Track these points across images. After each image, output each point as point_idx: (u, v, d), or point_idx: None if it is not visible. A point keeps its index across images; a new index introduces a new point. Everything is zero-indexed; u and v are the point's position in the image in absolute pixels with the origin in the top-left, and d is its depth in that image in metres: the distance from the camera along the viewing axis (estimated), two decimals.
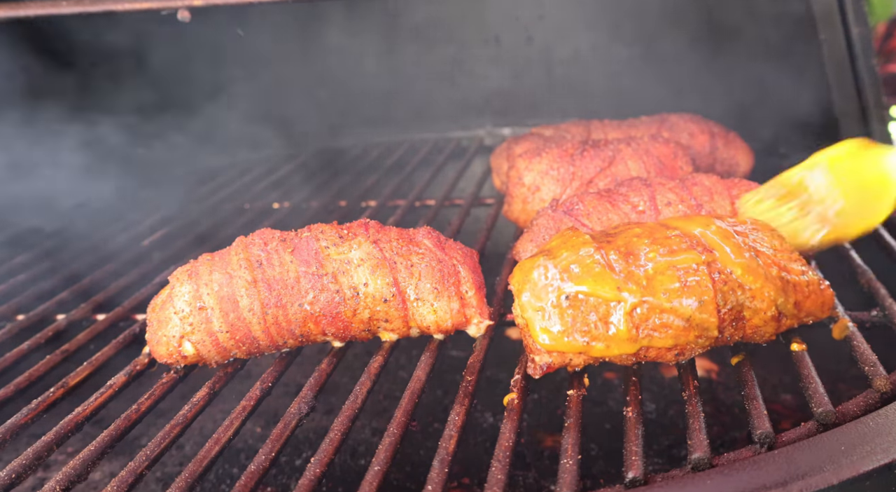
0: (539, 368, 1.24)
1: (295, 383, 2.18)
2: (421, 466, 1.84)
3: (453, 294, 1.39)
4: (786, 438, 1.10)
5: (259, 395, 1.33)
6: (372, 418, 2.04)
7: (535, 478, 1.76)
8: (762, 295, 1.21)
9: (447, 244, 1.45)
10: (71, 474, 1.15)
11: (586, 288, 1.20)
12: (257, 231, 1.44)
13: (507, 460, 1.09)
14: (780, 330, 1.26)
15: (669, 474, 1.05)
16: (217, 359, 1.40)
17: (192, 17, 1.67)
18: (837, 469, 0.97)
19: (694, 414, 1.15)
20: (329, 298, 1.36)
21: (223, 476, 1.87)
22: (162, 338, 1.37)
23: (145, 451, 1.19)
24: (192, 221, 2.39)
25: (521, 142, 2.14)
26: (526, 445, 1.86)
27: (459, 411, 1.21)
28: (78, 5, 1.73)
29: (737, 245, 1.24)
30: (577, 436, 1.13)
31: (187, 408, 1.31)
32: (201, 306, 1.35)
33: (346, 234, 1.42)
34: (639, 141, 1.91)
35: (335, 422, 1.21)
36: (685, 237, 1.26)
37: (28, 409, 1.33)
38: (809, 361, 1.25)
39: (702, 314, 1.19)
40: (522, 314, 1.25)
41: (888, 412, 1.09)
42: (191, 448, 1.98)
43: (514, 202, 1.87)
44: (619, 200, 1.57)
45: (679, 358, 1.24)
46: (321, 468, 1.12)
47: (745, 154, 2.12)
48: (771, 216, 1.44)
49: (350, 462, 1.88)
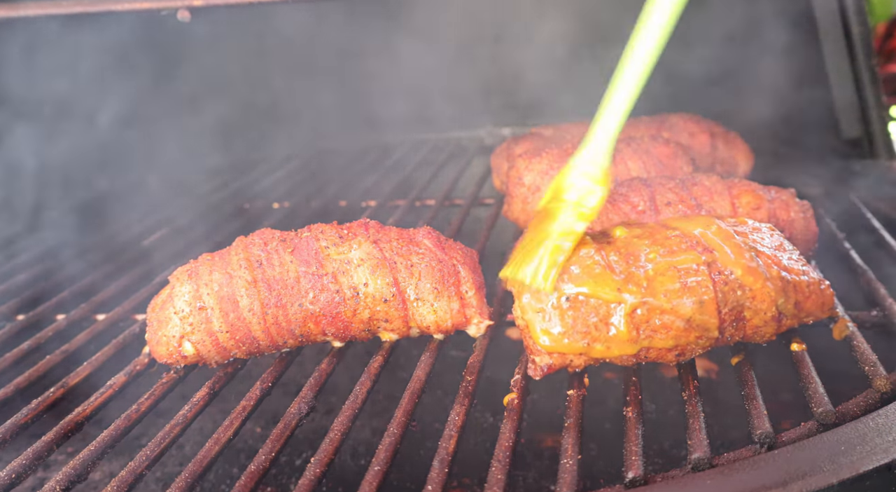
0: (540, 369, 1.24)
1: (295, 383, 2.18)
2: (421, 466, 1.84)
3: (453, 294, 1.39)
4: (786, 438, 1.10)
5: (259, 395, 1.33)
6: (372, 418, 2.04)
7: (535, 478, 1.76)
8: (762, 295, 1.21)
9: (447, 244, 1.45)
10: (71, 474, 1.15)
11: (586, 289, 1.20)
12: (257, 231, 1.44)
13: (507, 460, 1.09)
14: (780, 330, 1.26)
15: (669, 474, 1.05)
16: (217, 359, 1.40)
17: (191, 17, 1.68)
18: (837, 469, 0.97)
19: (694, 414, 1.15)
20: (329, 298, 1.36)
21: (223, 476, 1.86)
22: (162, 338, 1.37)
23: (145, 451, 1.19)
24: (192, 221, 2.39)
25: (521, 142, 2.14)
26: (526, 445, 1.86)
27: (459, 411, 1.21)
28: (78, 5, 1.73)
29: (737, 245, 1.24)
30: (577, 436, 1.13)
31: (187, 408, 1.31)
32: (201, 306, 1.35)
33: (346, 234, 1.42)
34: (639, 141, 1.91)
35: (335, 422, 1.21)
36: (685, 238, 1.26)
37: (28, 409, 1.33)
38: (809, 361, 1.25)
39: (702, 315, 1.19)
40: (523, 316, 1.25)
41: (888, 412, 1.08)
42: (191, 448, 1.98)
43: (514, 202, 1.87)
44: (619, 200, 1.57)
45: (679, 358, 1.24)
46: (321, 468, 1.12)
47: (745, 154, 2.12)
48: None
49: (350, 462, 1.88)
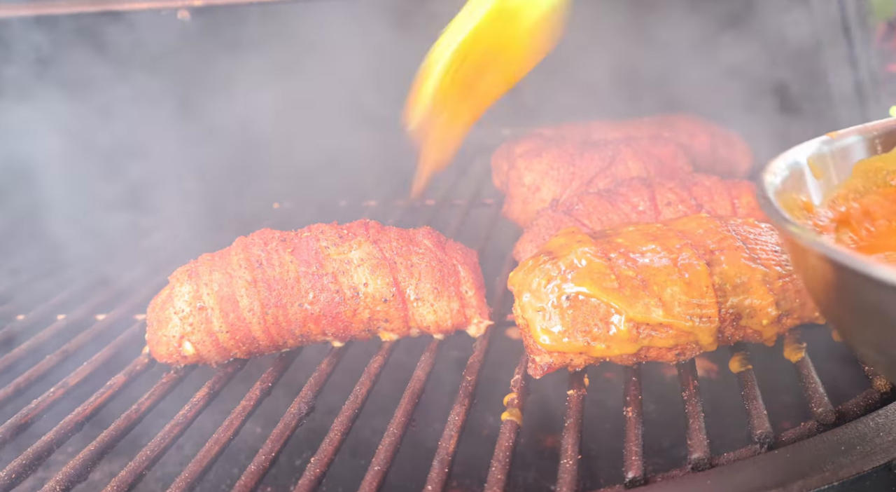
0: (540, 368, 1.24)
1: (295, 383, 2.17)
2: (421, 466, 1.84)
3: (453, 294, 1.39)
4: (786, 438, 1.10)
5: (259, 395, 1.33)
6: (372, 418, 2.03)
7: (535, 478, 1.76)
8: (763, 295, 1.21)
9: (447, 244, 1.45)
10: (71, 474, 1.15)
11: (587, 289, 1.20)
12: (257, 231, 1.44)
13: (507, 460, 1.09)
14: (780, 330, 1.26)
15: (669, 474, 1.05)
16: (217, 359, 1.40)
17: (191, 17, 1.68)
18: (837, 469, 0.98)
19: (694, 414, 1.15)
20: (329, 298, 1.36)
21: (223, 476, 1.86)
22: (162, 338, 1.37)
23: (145, 451, 1.19)
24: (192, 221, 2.38)
25: (521, 142, 2.13)
26: (526, 445, 1.85)
27: (459, 411, 1.21)
28: (78, 5, 1.73)
29: (737, 246, 1.24)
30: (577, 436, 1.13)
31: (187, 408, 1.31)
32: (201, 306, 1.35)
33: (346, 234, 1.42)
34: (639, 141, 1.91)
35: (335, 422, 1.21)
36: (686, 237, 1.26)
37: (28, 409, 1.33)
38: (809, 361, 1.25)
39: (702, 315, 1.19)
40: (523, 315, 1.25)
41: (888, 412, 1.08)
42: (191, 448, 1.97)
43: (514, 202, 1.87)
44: (619, 200, 1.57)
45: (679, 358, 1.24)
46: (321, 468, 1.12)
47: (744, 154, 2.12)
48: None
49: (350, 462, 1.87)
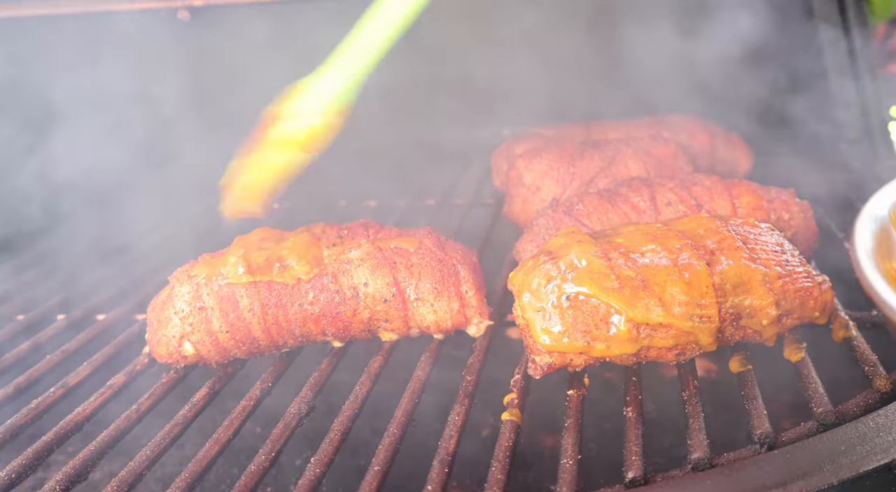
0: (540, 368, 1.24)
1: (295, 382, 2.18)
2: (421, 466, 1.84)
3: (453, 294, 1.39)
4: (786, 438, 1.10)
5: (259, 395, 1.33)
6: (372, 418, 2.04)
7: (535, 478, 1.76)
8: (762, 295, 1.21)
9: (447, 244, 1.45)
10: (71, 474, 1.15)
11: (587, 289, 1.20)
12: (255, 230, 1.44)
13: (507, 460, 1.09)
14: (780, 330, 1.26)
15: (669, 474, 1.05)
16: (217, 359, 1.40)
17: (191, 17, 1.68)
18: (837, 469, 0.97)
19: (694, 414, 1.15)
20: (329, 299, 1.36)
21: (223, 476, 1.86)
22: (162, 338, 1.37)
23: (145, 451, 1.19)
24: (192, 221, 2.38)
25: (521, 142, 2.13)
26: (526, 445, 1.85)
27: (459, 411, 1.21)
28: (78, 5, 1.73)
29: (737, 246, 1.24)
30: (577, 436, 1.13)
31: (187, 408, 1.31)
32: (201, 306, 1.35)
33: (346, 234, 1.42)
34: (639, 141, 1.91)
35: (335, 422, 1.21)
36: (686, 237, 1.26)
37: (28, 409, 1.33)
38: (809, 361, 1.25)
39: (702, 315, 1.19)
40: (523, 315, 1.25)
41: (888, 412, 1.08)
42: (191, 448, 1.97)
43: (514, 202, 1.87)
44: (619, 200, 1.57)
45: (680, 358, 1.24)
46: (321, 468, 1.12)
47: (745, 154, 2.12)
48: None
49: (350, 462, 1.87)
